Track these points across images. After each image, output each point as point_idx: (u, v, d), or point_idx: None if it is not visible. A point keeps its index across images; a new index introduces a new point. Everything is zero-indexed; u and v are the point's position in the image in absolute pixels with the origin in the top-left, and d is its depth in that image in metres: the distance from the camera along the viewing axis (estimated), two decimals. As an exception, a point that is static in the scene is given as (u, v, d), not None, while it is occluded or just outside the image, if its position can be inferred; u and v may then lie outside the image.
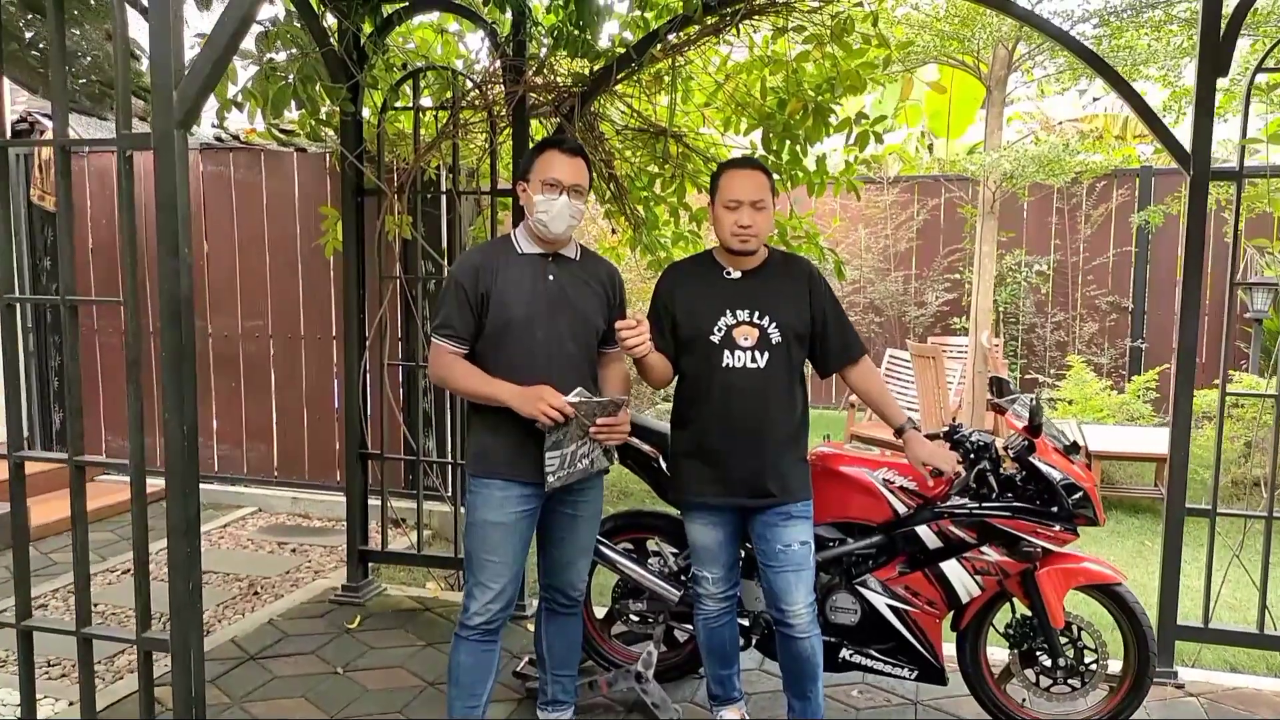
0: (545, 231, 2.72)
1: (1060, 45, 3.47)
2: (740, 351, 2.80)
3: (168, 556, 2.33)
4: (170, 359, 2.31)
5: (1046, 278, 8.01)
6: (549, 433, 2.59)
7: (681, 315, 2.88)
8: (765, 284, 2.86)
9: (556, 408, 2.54)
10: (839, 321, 2.93)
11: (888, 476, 3.11)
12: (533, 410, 2.55)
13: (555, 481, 2.62)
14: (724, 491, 2.85)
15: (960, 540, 3.01)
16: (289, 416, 5.89)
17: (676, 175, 4.14)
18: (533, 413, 2.55)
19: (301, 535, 5.40)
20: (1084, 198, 7.95)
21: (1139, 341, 7.98)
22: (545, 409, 2.54)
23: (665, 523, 3.40)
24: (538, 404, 2.55)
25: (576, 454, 2.66)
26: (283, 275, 5.80)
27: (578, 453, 2.66)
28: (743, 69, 3.95)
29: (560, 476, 2.63)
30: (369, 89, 4.15)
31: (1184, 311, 3.43)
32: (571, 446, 2.64)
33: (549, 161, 2.72)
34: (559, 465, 2.62)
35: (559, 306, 2.75)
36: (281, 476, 5.94)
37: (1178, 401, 3.46)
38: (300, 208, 5.70)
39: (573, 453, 2.65)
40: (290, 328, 5.82)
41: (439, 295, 2.81)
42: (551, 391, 2.57)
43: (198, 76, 2.24)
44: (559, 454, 2.62)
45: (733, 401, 2.81)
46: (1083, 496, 2.95)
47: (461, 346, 2.74)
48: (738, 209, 2.77)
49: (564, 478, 2.64)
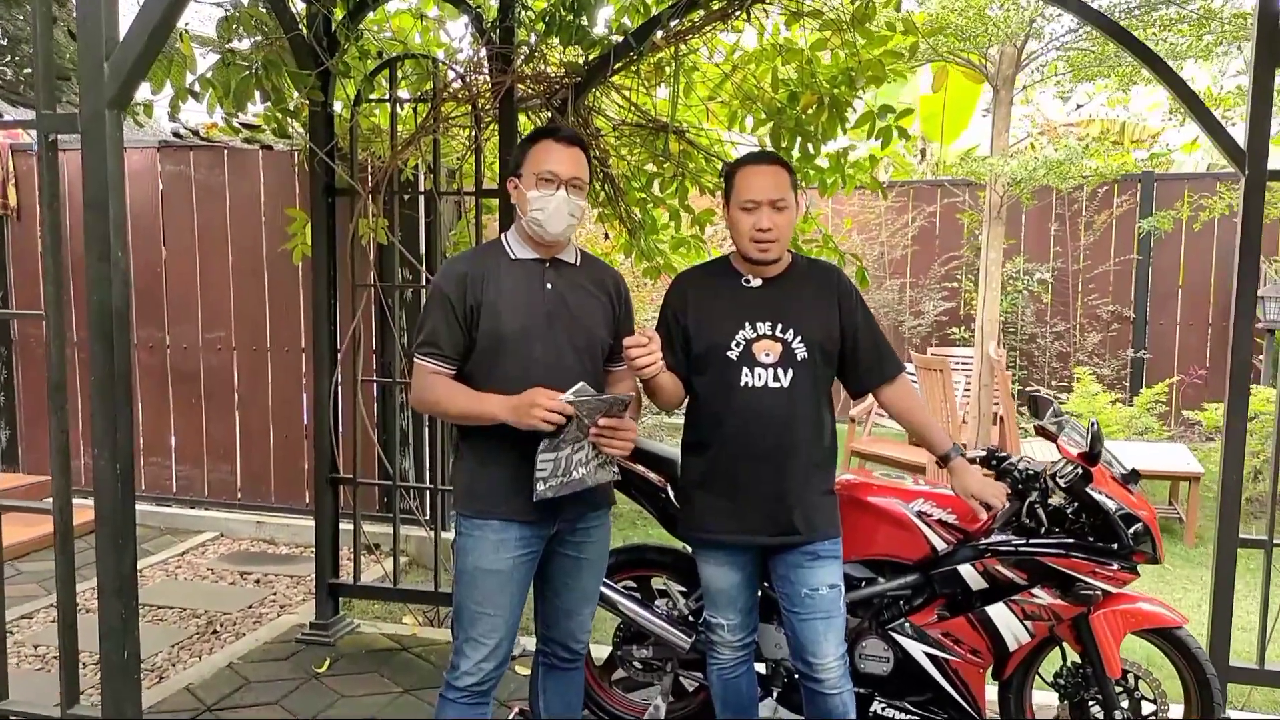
0: (541, 233, 2.37)
1: (1115, 41, 3.17)
2: (761, 369, 2.47)
3: (99, 621, 1.95)
4: (100, 381, 1.94)
5: (1048, 286, 7.75)
6: (546, 437, 2.22)
7: (694, 328, 2.54)
8: (789, 293, 2.53)
9: (554, 408, 2.17)
10: (872, 334, 2.60)
11: (923, 508, 2.78)
12: (529, 418, 2.18)
13: (545, 491, 2.23)
14: (742, 528, 2.51)
15: (1009, 581, 2.69)
16: (253, 434, 5.49)
17: (678, 175, 3.81)
18: (530, 421, 2.18)
19: (266, 563, 5.00)
20: (1084, 204, 7.71)
21: (1141, 352, 7.73)
22: (542, 413, 2.17)
23: (673, 559, 3.05)
24: (532, 410, 2.18)
25: (573, 461, 2.28)
26: (247, 283, 5.40)
27: (574, 459, 2.28)
28: (751, 59, 3.63)
29: (552, 486, 2.24)
30: (341, 79, 3.78)
31: (1237, 321, 3.14)
32: (568, 449, 2.25)
33: (544, 153, 2.37)
34: (552, 471, 2.24)
35: (559, 319, 2.40)
36: (245, 499, 5.53)
37: (1231, 420, 3.16)
38: (266, 209, 5.31)
39: (568, 458, 2.26)
40: (255, 339, 5.42)
41: (423, 307, 2.45)
42: (545, 391, 2.21)
43: (133, 46, 1.87)
44: (553, 458, 2.23)
45: (752, 426, 2.47)
46: (1143, 530, 2.64)
47: (448, 366, 2.39)
48: (756, 210, 2.44)
49: (556, 488, 2.25)
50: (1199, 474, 5.17)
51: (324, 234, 3.87)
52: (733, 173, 2.51)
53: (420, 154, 3.89)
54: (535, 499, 2.23)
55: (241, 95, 3.68)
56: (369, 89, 3.83)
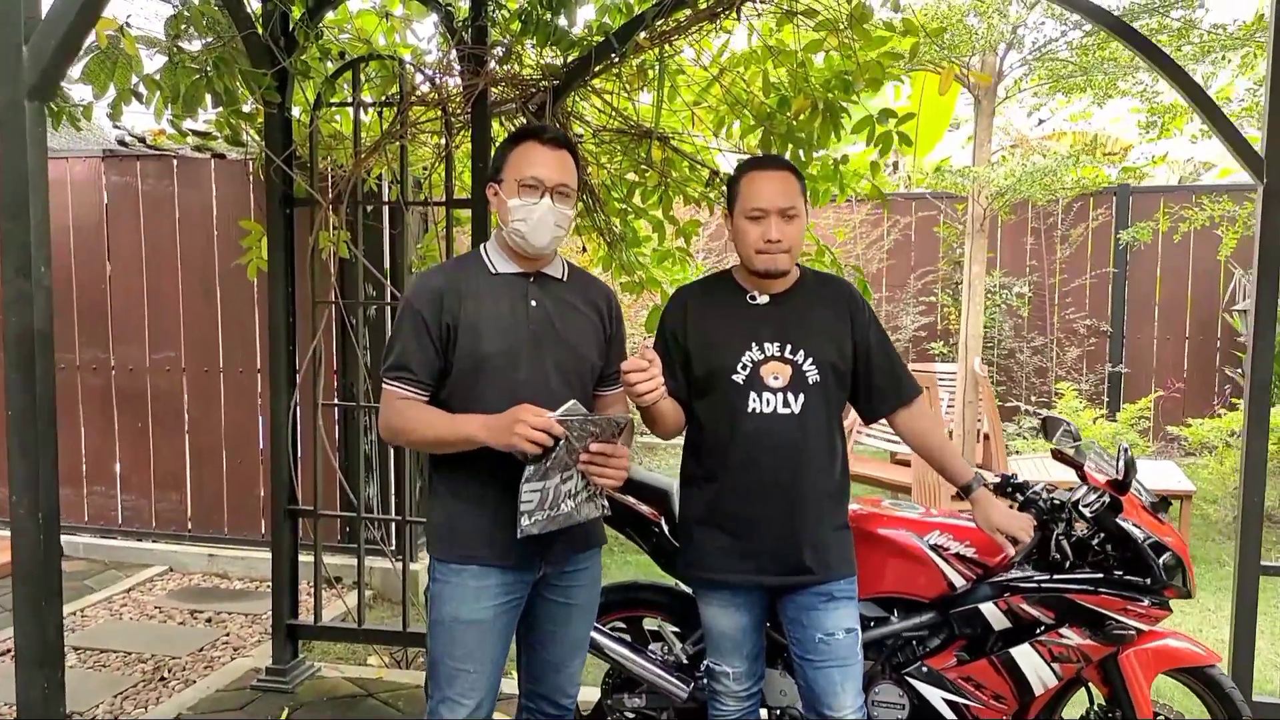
0: (524, 244, 2.14)
1: (1131, 47, 3.01)
2: (769, 394, 2.25)
3: (16, 694, 1.66)
4: (19, 416, 1.66)
5: (1026, 300, 7.65)
6: (531, 464, 1.95)
7: (696, 349, 2.32)
8: (799, 310, 2.32)
9: (541, 428, 1.91)
10: (887, 354, 2.39)
11: (939, 541, 2.57)
12: (511, 438, 1.93)
13: (531, 526, 1.97)
14: (750, 567, 2.29)
15: (1033, 621, 2.48)
16: (205, 461, 5.16)
17: (661, 185, 3.59)
18: (513, 441, 1.93)
19: (219, 600, 4.67)
20: (1060, 218, 7.63)
21: (1119, 366, 7.65)
22: (527, 432, 1.91)
23: (667, 598, 2.81)
24: (516, 429, 1.92)
25: (561, 492, 2.02)
26: (198, 299, 5.08)
27: (563, 490, 2.02)
28: (740, 61, 3.42)
29: (539, 520, 1.98)
30: (300, 81, 3.51)
31: (1256, 339, 2.99)
32: (556, 478, 2.00)
33: (527, 156, 2.14)
34: (538, 504, 1.98)
35: (545, 339, 2.16)
36: (196, 530, 5.19)
37: (1252, 441, 3.00)
38: (219, 222, 5.00)
39: (556, 488, 2.01)
40: (207, 360, 5.10)
41: (393, 326, 2.20)
42: (531, 408, 1.95)
43: (56, 27, 1.61)
44: (540, 488, 1.97)
45: (761, 456, 2.25)
46: (1175, 562, 2.45)
47: (421, 392, 2.13)
48: (763, 219, 2.22)
49: (543, 522, 1.99)
50: (1191, 492, 5.04)
51: (281, 247, 3.59)
52: (737, 178, 2.29)
53: (386, 161, 3.62)
54: (520, 535, 1.97)
55: (191, 99, 3.39)
56: (330, 92, 3.57)
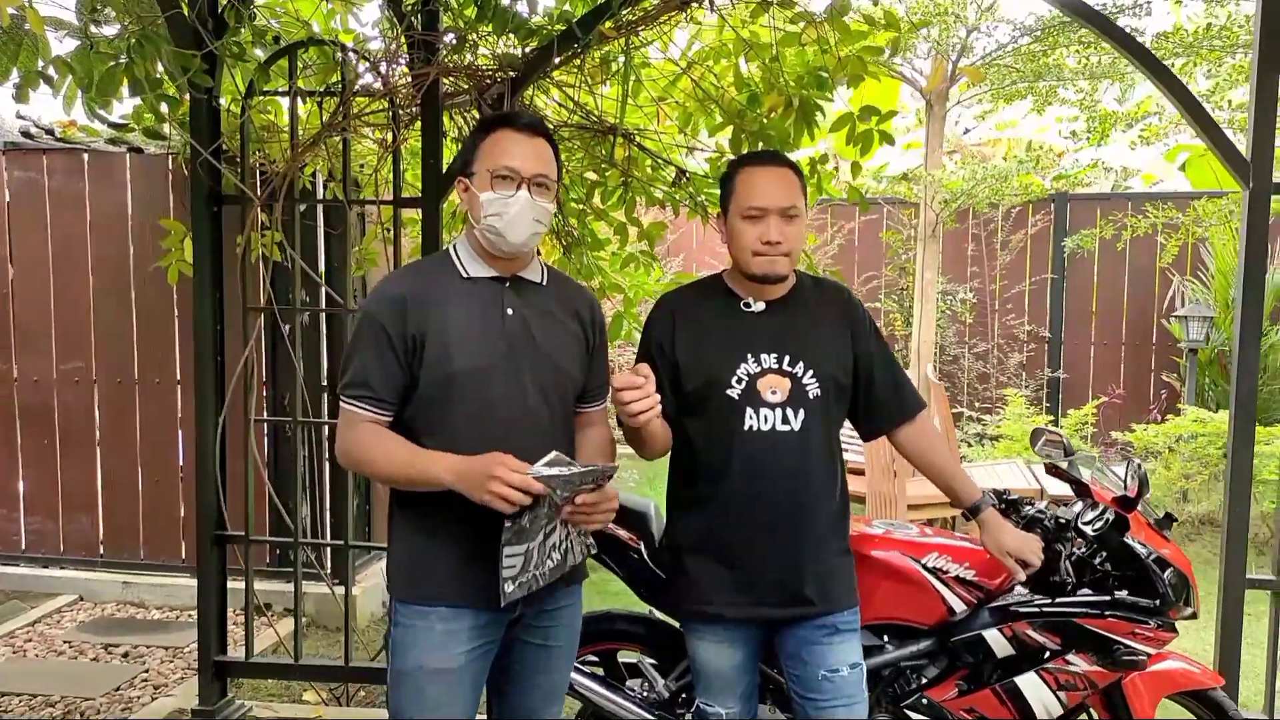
0: (500, 243, 1.91)
1: (1120, 47, 2.91)
2: (767, 409, 2.07)
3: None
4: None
5: (971, 307, 7.65)
6: (509, 520, 1.74)
7: (687, 362, 2.12)
8: (797, 318, 2.14)
9: (519, 486, 1.70)
10: (889, 366, 2.23)
11: (938, 563, 2.42)
12: (484, 493, 1.71)
13: (516, 591, 1.77)
14: (748, 600, 2.10)
15: (1038, 647, 2.34)
16: (119, 481, 4.75)
17: (624, 184, 3.38)
18: (485, 497, 1.70)
19: (136, 632, 4.29)
20: (1000, 224, 7.66)
21: (1058, 372, 7.71)
22: (502, 490, 1.69)
23: (645, 629, 2.60)
24: (489, 484, 1.69)
25: (546, 548, 1.81)
26: (111, 306, 4.68)
27: (547, 545, 1.81)
28: (710, 55, 3.24)
29: (523, 583, 1.78)
30: (231, 66, 3.21)
31: (1243, 345, 2.91)
32: (538, 538, 1.79)
33: (500, 145, 1.92)
34: (521, 568, 1.77)
35: (522, 352, 1.94)
36: (109, 556, 4.78)
37: (1236, 456, 2.92)
38: (135, 222, 4.61)
39: (539, 546, 1.79)
40: (120, 370, 4.70)
41: (351, 338, 1.95)
42: (508, 462, 1.73)
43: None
44: (521, 551, 1.76)
45: (760, 477, 2.07)
46: (1183, 583, 2.34)
47: (383, 412, 1.89)
48: (762, 219, 2.04)
49: (528, 584, 1.79)
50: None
51: (209, 249, 3.28)
52: (732, 174, 2.11)
53: (327, 157, 3.34)
54: (504, 602, 1.75)
55: (107, 86, 3.07)
56: (263, 80, 3.27)
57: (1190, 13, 6.11)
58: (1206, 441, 5.41)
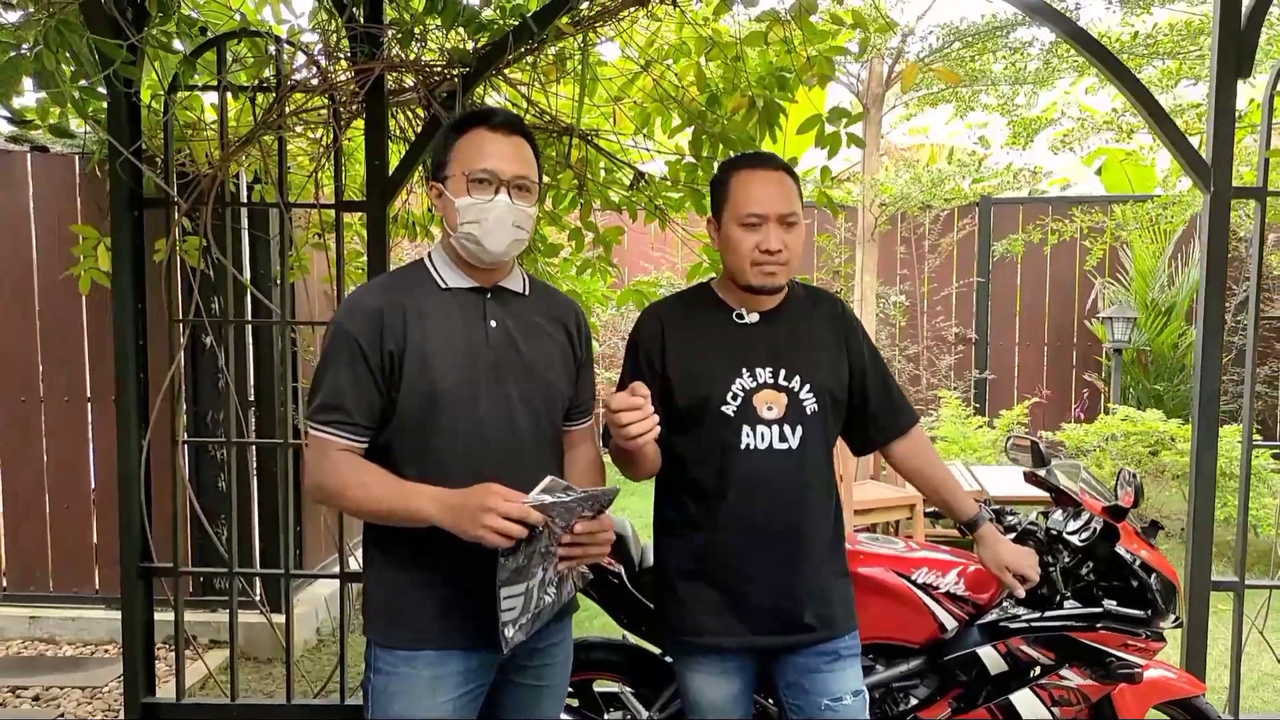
0: (478, 252, 1.76)
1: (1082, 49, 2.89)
2: (764, 427, 1.96)
3: None
4: None
5: (902, 309, 7.72)
6: (505, 557, 1.57)
7: (679, 377, 1.99)
8: (792, 330, 2.03)
9: (516, 518, 1.54)
10: (883, 378, 2.14)
11: (928, 579, 2.35)
12: (477, 530, 1.54)
13: (518, 634, 1.60)
14: (745, 628, 1.98)
15: (1031, 662, 2.29)
16: (23, 506, 4.38)
17: (579, 186, 3.24)
18: (479, 533, 1.54)
19: (46, 672, 3.95)
20: (928, 228, 7.76)
21: (985, 373, 7.84)
22: (498, 524, 1.53)
23: (622, 657, 2.47)
24: (483, 519, 1.53)
25: (544, 584, 1.65)
26: (13, 317, 4.31)
27: (545, 581, 1.65)
28: (670, 54, 3.12)
29: (523, 625, 1.61)
30: (153, 54, 2.96)
31: (1205, 348, 2.92)
32: (539, 574, 1.63)
33: (476, 145, 1.76)
34: (521, 609, 1.60)
35: (507, 366, 1.79)
36: (13, 588, 4.40)
37: (1200, 457, 2.94)
38: (39, 226, 4.26)
39: (540, 584, 1.64)
40: (24, 387, 4.34)
41: (321, 357, 1.76)
42: (502, 492, 1.57)
43: None
44: (521, 590, 1.60)
45: (757, 498, 1.95)
46: (1171, 592, 2.32)
47: (358, 438, 1.72)
48: (760, 226, 1.93)
49: (527, 626, 1.63)
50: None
51: (129, 256, 3.02)
52: (725, 178, 1.99)
53: (262, 156, 3.11)
54: (506, 650, 1.59)
55: (7, 79, 2.79)
56: (189, 74, 3.02)
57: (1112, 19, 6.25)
58: (1136, 439, 5.53)
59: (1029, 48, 6.03)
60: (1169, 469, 5.47)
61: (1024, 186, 9.04)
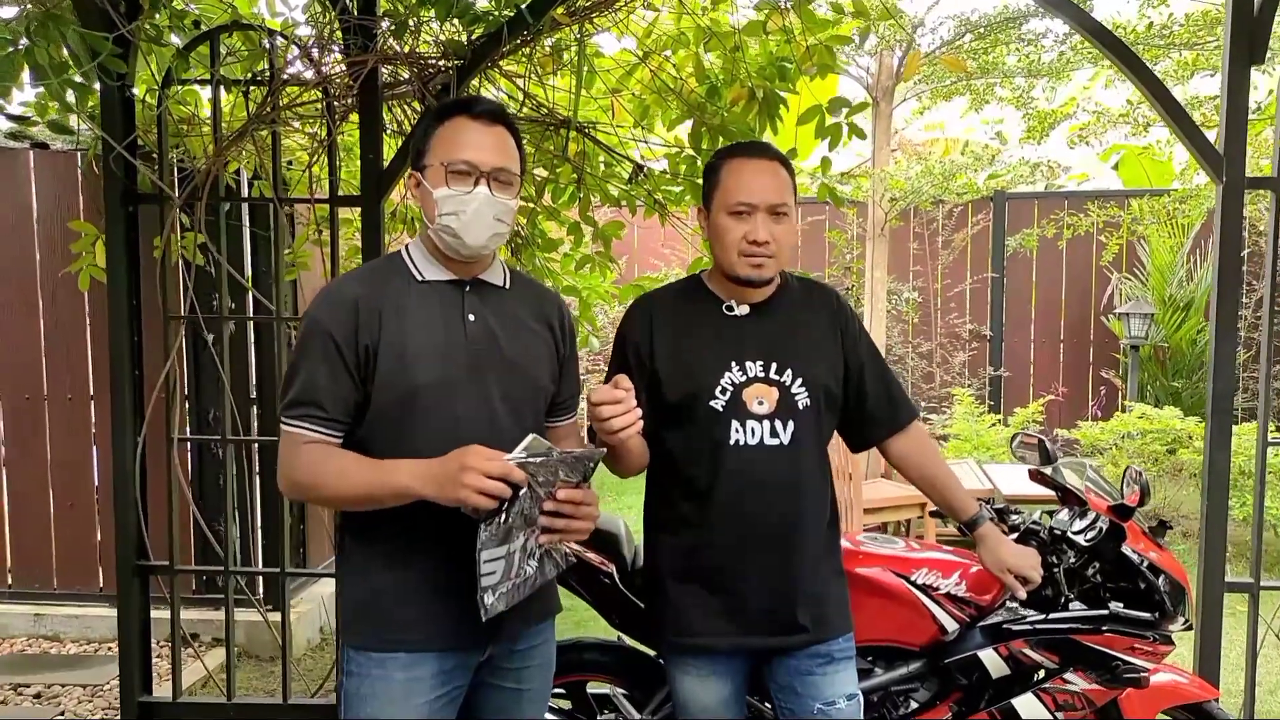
0: (457, 245, 1.71)
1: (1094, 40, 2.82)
2: (754, 421, 1.90)
3: None
4: None
5: (915, 306, 7.63)
6: (485, 520, 1.52)
7: (667, 370, 1.94)
8: (784, 323, 1.98)
9: (497, 475, 1.49)
10: (881, 373, 2.08)
11: (928, 580, 2.28)
12: (459, 491, 1.49)
13: (498, 603, 1.55)
14: (736, 629, 1.93)
15: (1034, 666, 2.22)
16: (27, 504, 4.38)
17: (577, 180, 3.19)
18: (460, 495, 1.49)
19: (49, 669, 3.94)
20: (941, 223, 7.66)
21: (1000, 370, 7.73)
22: (479, 482, 1.48)
23: (615, 658, 2.42)
24: (464, 477, 1.49)
25: (526, 552, 1.59)
26: (17, 315, 4.32)
27: (527, 550, 1.59)
28: (669, 43, 3.07)
29: (504, 594, 1.56)
30: (146, 48, 2.94)
31: (1219, 344, 2.84)
32: (520, 539, 1.57)
33: (456, 135, 1.72)
34: (503, 574, 1.55)
35: (488, 363, 1.74)
36: (18, 586, 4.40)
37: (1213, 455, 2.86)
38: (41, 224, 4.27)
39: (521, 550, 1.58)
40: (28, 385, 4.34)
41: (294, 350, 1.72)
42: (482, 451, 1.53)
43: None
44: (502, 554, 1.54)
45: (748, 495, 1.90)
46: (1180, 593, 2.24)
47: (333, 434, 1.68)
48: (749, 216, 1.88)
49: (508, 595, 1.57)
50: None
51: (123, 252, 3.00)
52: (717, 166, 1.94)
53: (254, 151, 3.08)
54: (485, 616, 1.54)
55: (5, 74, 2.77)
56: (182, 68, 3.00)
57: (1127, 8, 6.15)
58: (1152, 438, 5.43)
59: (1043, 39, 5.94)
60: (1186, 467, 5.37)
61: (1041, 181, 8.93)
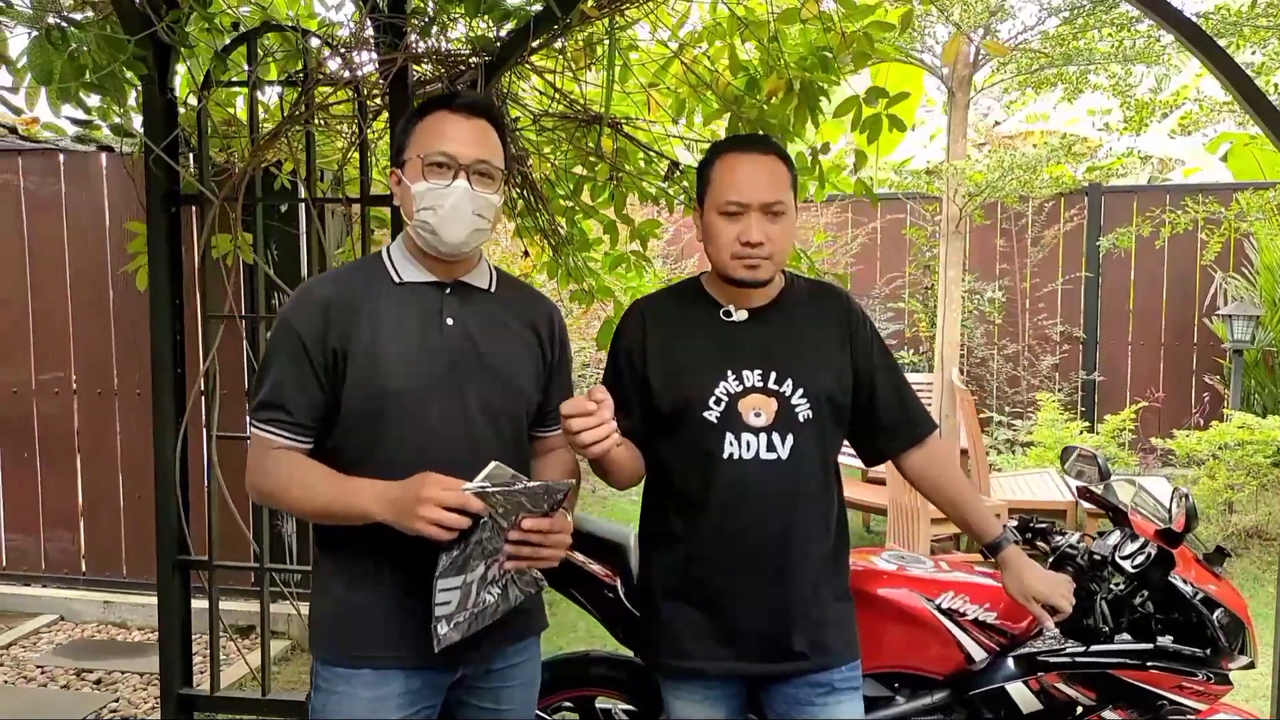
0: (435, 241, 1.65)
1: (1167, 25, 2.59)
2: (750, 435, 1.78)
3: None
4: None
5: (1000, 306, 7.29)
6: (445, 550, 1.47)
7: (659, 379, 1.84)
8: (786, 329, 1.85)
9: (454, 505, 1.44)
10: (894, 382, 1.94)
11: (953, 604, 2.12)
12: (413, 522, 1.45)
13: (452, 633, 1.50)
14: (729, 653, 1.82)
15: (1070, 702, 2.04)
16: (100, 495, 4.55)
17: (613, 179, 3.11)
18: (415, 526, 1.45)
19: (113, 656, 4.08)
20: (1030, 219, 7.30)
21: (1094, 374, 7.32)
22: (434, 514, 1.43)
23: (626, 673, 2.33)
24: (419, 509, 1.44)
25: (485, 582, 1.54)
26: (90, 313, 4.49)
27: (487, 579, 1.54)
28: (703, 36, 2.96)
29: (458, 624, 1.51)
30: (187, 51, 2.98)
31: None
32: (479, 569, 1.52)
33: (434, 128, 1.66)
34: (458, 604, 1.50)
35: (465, 369, 1.67)
36: (91, 574, 4.58)
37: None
38: (113, 224, 4.42)
39: (480, 580, 1.53)
40: (100, 381, 4.51)
41: (264, 352, 1.69)
42: (439, 479, 1.48)
43: None
44: (457, 584, 1.49)
45: (741, 512, 1.79)
46: (1237, 628, 2.03)
47: (300, 439, 1.64)
48: (742, 215, 1.76)
49: (464, 626, 1.52)
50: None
51: (165, 252, 3.05)
52: (710, 162, 1.83)
53: (291, 151, 3.10)
54: (438, 646, 1.49)
55: (68, 80, 2.84)
56: (221, 70, 3.03)
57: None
58: (1254, 449, 5.04)
59: (1136, 24, 5.57)
60: (1293, 482, 4.97)
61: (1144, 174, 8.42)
